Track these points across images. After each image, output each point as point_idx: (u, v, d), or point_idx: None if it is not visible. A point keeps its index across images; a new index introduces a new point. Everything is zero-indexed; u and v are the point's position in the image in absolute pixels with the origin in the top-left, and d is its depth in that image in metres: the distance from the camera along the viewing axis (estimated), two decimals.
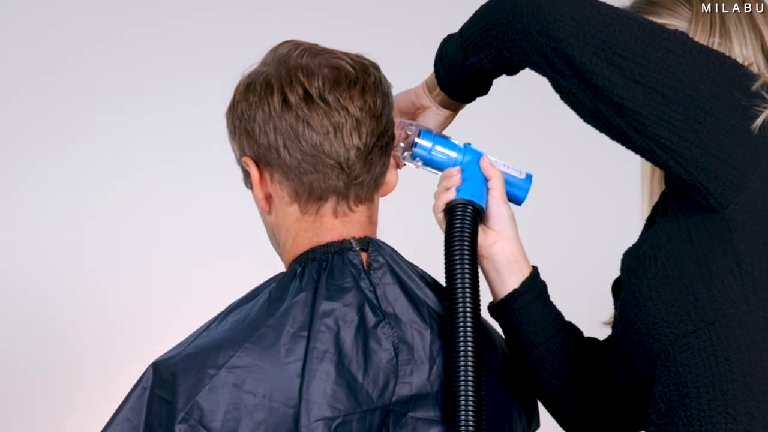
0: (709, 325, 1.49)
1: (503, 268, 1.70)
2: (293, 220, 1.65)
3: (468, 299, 1.59)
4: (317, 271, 1.61)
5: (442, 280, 1.64)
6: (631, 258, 1.60)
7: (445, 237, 1.63)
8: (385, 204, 1.71)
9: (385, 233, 1.70)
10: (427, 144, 1.71)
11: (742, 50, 1.64)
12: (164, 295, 3.11)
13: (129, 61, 3.17)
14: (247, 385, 1.53)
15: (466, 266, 1.60)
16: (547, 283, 1.74)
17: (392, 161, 1.69)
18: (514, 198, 1.74)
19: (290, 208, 1.65)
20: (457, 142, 1.73)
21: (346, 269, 1.62)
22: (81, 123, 3.14)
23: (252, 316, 1.59)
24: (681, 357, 1.51)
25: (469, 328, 1.57)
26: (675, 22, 1.66)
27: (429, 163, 1.73)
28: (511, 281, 1.70)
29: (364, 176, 1.63)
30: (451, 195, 1.66)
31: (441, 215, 1.67)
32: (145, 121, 3.17)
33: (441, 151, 1.72)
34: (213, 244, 3.15)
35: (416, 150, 1.71)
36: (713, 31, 1.65)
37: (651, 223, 1.70)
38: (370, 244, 1.65)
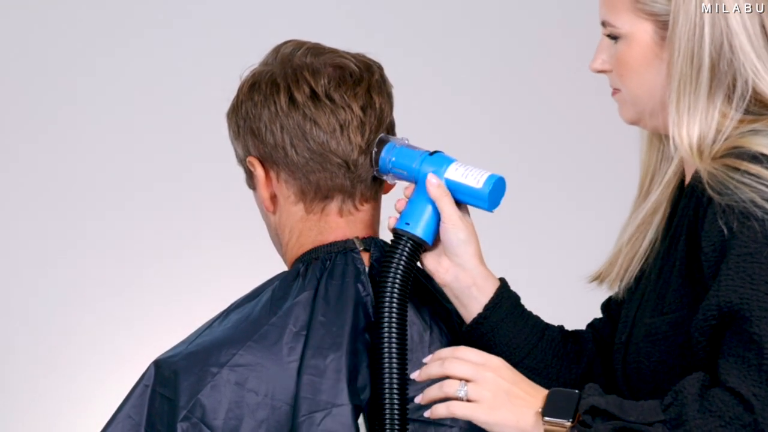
0: None
1: (461, 295, 1.62)
2: (297, 219, 1.65)
3: (394, 340, 1.55)
4: (320, 271, 1.61)
5: None
6: None
7: (380, 271, 1.58)
8: (386, 203, 1.71)
9: (384, 233, 1.70)
10: (389, 157, 1.61)
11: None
12: (166, 293, 3.11)
13: (124, 62, 3.17)
14: (250, 383, 1.54)
15: (395, 309, 1.55)
16: (533, 280, 1.67)
17: None
18: (479, 208, 1.61)
19: (295, 208, 1.64)
20: (422, 151, 1.61)
21: (348, 269, 1.61)
22: (79, 122, 3.14)
23: (254, 314, 1.59)
24: None
25: (395, 369, 1.54)
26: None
27: (397, 177, 1.63)
28: (472, 306, 1.62)
29: (369, 175, 1.63)
30: (392, 222, 1.61)
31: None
32: (143, 121, 3.17)
33: (402, 163, 1.61)
34: (215, 242, 3.14)
35: (381, 166, 1.62)
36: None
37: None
38: (373, 244, 1.65)
